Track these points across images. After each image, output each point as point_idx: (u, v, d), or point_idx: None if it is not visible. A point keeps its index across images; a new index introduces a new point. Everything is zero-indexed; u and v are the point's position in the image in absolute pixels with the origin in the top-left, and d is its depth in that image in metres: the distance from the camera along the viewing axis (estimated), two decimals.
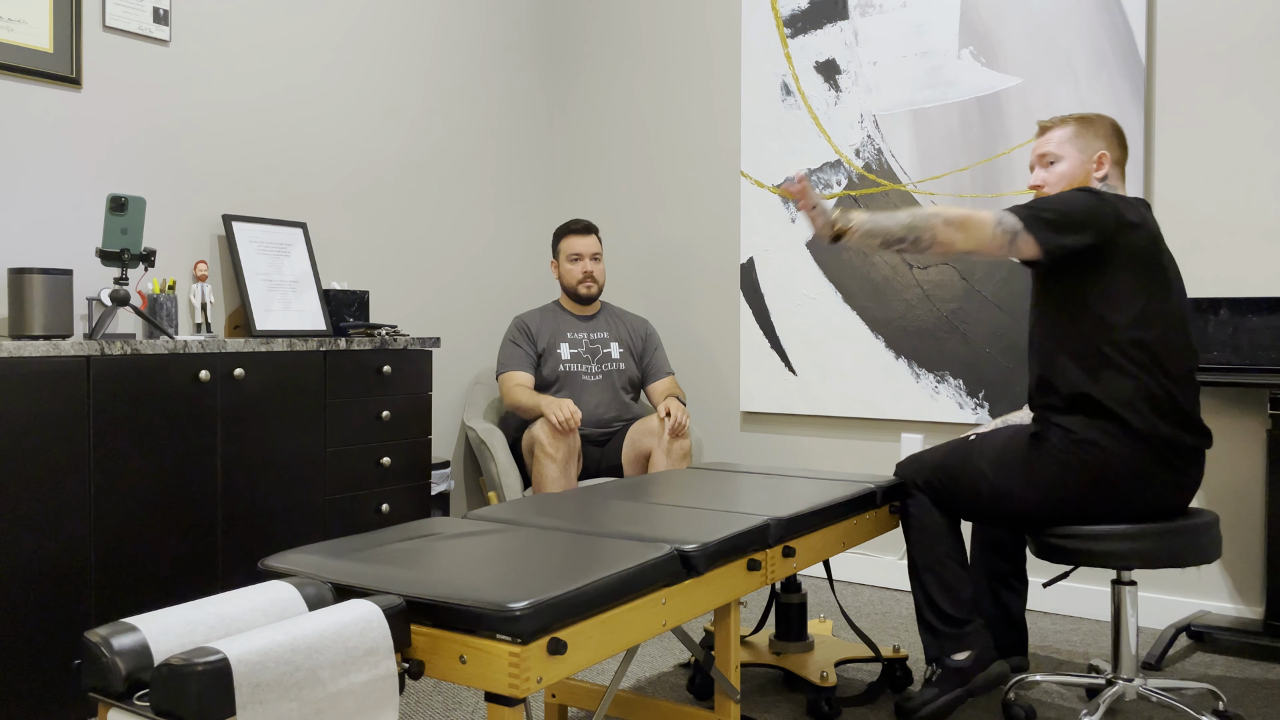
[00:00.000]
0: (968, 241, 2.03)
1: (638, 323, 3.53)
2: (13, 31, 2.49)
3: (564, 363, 3.35)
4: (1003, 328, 3.17)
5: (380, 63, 3.46)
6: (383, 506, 2.84)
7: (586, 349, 3.39)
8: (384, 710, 1.31)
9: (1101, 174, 2.21)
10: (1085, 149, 2.21)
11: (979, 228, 2.03)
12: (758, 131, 3.68)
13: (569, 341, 3.38)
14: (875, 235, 2.06)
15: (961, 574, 2.21)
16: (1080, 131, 2.22)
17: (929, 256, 2.01)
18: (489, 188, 3.92)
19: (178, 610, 1.29)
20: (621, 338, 3.46)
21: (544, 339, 3.38)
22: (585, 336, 3.41)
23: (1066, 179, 2.22)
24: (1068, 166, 2.22)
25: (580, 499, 2.15)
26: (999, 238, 2.03)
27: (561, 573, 1.48)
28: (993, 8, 3.18)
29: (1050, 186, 2.23)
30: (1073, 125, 2.23)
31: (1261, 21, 2.78)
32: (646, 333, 3.53)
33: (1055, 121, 2.27)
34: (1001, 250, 2.05)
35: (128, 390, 2.23)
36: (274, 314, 2.89)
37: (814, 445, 3.59)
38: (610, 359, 3.41)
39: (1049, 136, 2.25)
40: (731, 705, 1.89)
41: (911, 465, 2.31)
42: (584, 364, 3.37)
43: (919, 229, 2.03)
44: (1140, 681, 2.11)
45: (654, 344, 3.53)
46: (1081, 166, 2.21)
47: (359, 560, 1.58)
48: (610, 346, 3.43)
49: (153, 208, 2.80)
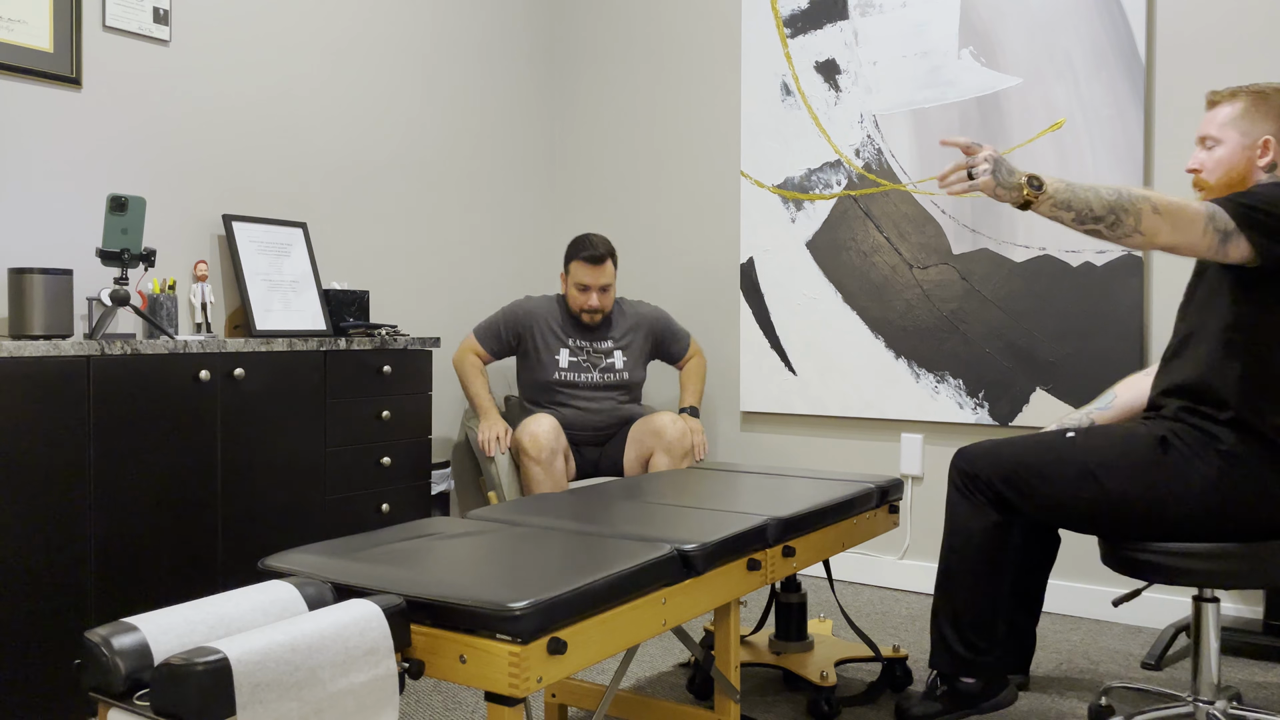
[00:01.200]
0: (1173, 236, 1.75)
1: (646, 321, 3.34)
2: (13, 31, 2.49)
3: (561, 370, 3.23)
4: (1003, 328, 3.17)
5: (380, 63, 3.46)
6: (383, 506, 2.84)
7: (588, 358, 3.26)
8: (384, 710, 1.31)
9: (1267, 161, 1.92)
10: (1249, 132, 1.92)
11: (1190, 223, 1.75)
12: (758, 131, 3.68)
13: (570, 349, 3.25)
14: (1070, 208, 1.77)
15: (998, 597, 2.03)
16: (1249, 110, 1.92)
17: (1124, 244, 1.79)
18: (489, 187, 3.92)
19: (178, 610, 1.29)
20: (627, 344, 3.30)
21: (536, 339, 3.24)
22: (588, 345, 3.26)
23: (1224, 166, 1.94)
24: (1226, 152, 1.94)
25: (580, 499, 2.15)
26: (1209, 237, 1.77)
27: (561, 573, 1.48)
28: (993, 8, 3.18)
29: (1207, 173, 1.97)
30: (1243, 102, 1.94)
31: (1261, 21, 2.78)
32: (656, 328, 3.35)
33: (1224, 95, 1.97)
34: (1208, 251, 1.78)
35: (128, 390, 2.23)
36: (274, 314, 2.89)
37: (814, 445, 3.59)
38: (613, 369, 3.27)
39: (1214, 114, 1.97)
40: (731, 705, 1.89)
41: (984, 460, 2.05)
42: (583, 372, 3.25)
43: (1124, 210, 1.75)
44: (1222, 704, 1.95)
45: (666, 332, 3.35)
46: (1242, 153, 1.93)
47: (359, 560, 1.58)
48: (614, 356, 3.28)
49: (153, 208, 2.80)
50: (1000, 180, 1.77)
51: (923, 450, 3.35)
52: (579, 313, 3.22)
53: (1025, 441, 2.04)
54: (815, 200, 3.55)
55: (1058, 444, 2.00)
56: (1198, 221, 1.76)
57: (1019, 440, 2.05)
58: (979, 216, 3.21)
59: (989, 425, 3.21)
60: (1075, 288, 3.04)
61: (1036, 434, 2.05)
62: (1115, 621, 2.99)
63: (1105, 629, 2.93)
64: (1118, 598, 2.12)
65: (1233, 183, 1.94)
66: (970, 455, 2.09)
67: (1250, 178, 1.93)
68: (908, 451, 3.37)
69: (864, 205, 3.45)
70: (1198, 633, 1.95)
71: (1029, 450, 2.02)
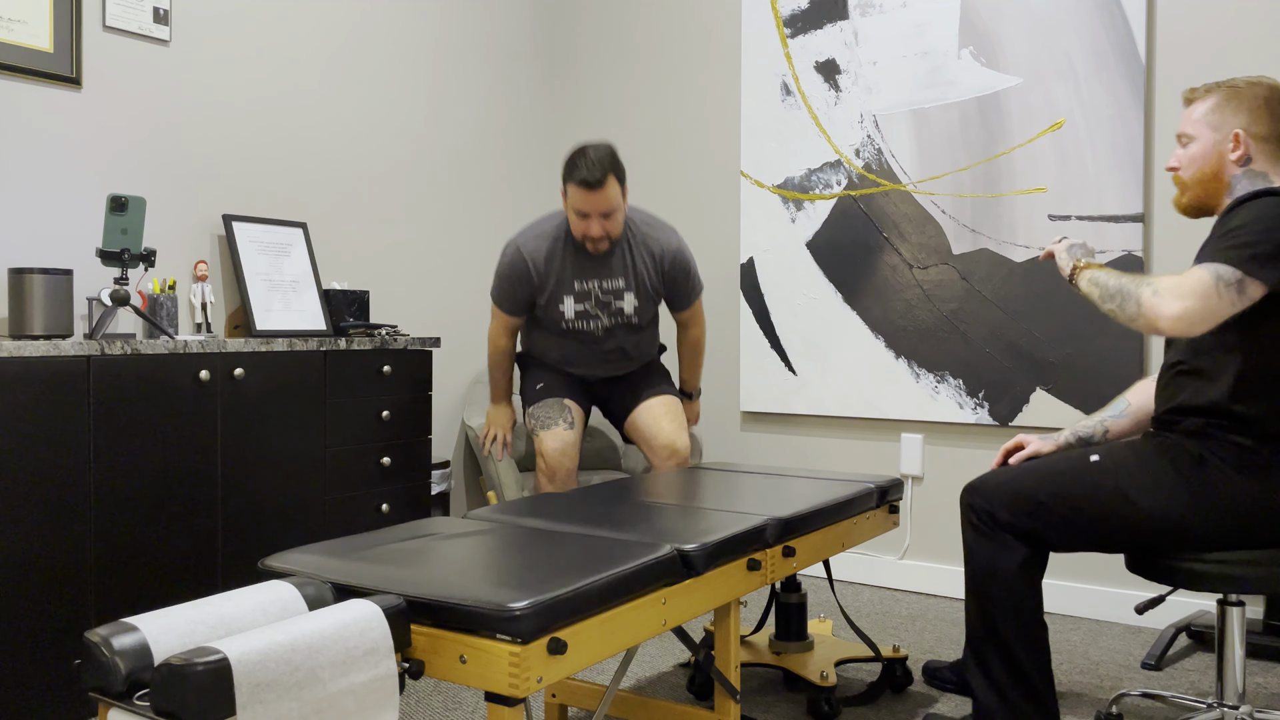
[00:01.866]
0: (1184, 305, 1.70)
1: (667, 256, 2.83)
2: (13, 31, 2.49)
3: (567, 321, 2.82)
4: (1003, 328, 3.17)
5: (381, 63, 3.46)
6: (383, 506, 2.84)
7: (596, 302, 2.82)
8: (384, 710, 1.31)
9: (1239, 155, 1.88)
10: (1221, 126, 1.89)
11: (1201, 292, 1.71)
12: (758, 131, 3.68)
13: (575, 294, 2.80)
14: (1097, 284, 1.85)
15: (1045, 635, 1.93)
16: (1220, 105, 1.89)
17: (1138, 327, 1.77)
18: (489, 187, 3.92)
19: (178, 610, 1.29)
20: (640, 282, 2.82)
21: (547, 286, 2.80)
22: (595, 286, 2.81)
23: (1198, 163, 1.92)
24: (1199, 148, 1.92)
25: (580, 499, 2.15)
26: (1227, 296, 1.71)
27: (561, 573, 1.48)
28: (993, 8, 3.18)
29: (1184, 170, 1.94)
30: (1215, 97, 1.91)
31: (1262, 21, 2.78)
32: (674, 265, 2.84)
33: (1200, 91, 1.94)
34: (1232, 308, 1.72)
35: (128, 390, 2.23)
36: (274, 314, 2.89)
37: (814, 445, 3.59)
38: (622, 314, 2.84)
39: (1190, 111, 1.94)
40: (731, 705, 1.89)
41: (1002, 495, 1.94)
42: (591, 320, 2.83)
43: (1125, 295, 1.77)
44: (1248, 709, 1.91)
45: (680, 273, 2.85)
46: (1214, 148, 1.90)
47: (359, 560, 1.58)
48: (624, 299, 2.83)
49: (153, 208, 2.80)
50: (1073, 254, 1.96)
51: (923, 450, 3.35)
52: (581, 242, 2.73)
53: (1045, 471, 1.93)
54: (815, 200, 3.55)
55: (1082, 469, 1.91)
56: (1207, 285, 1.71)
57: (1036, 470, 1.94)
58: (979, 216, 3.21)
59: (989, 425, 3.21)
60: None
61: (1052, 460, 1.95)
62: (1115, 622, 2.99)
63: (1105, 629, 2.93)
64: (1141, 604, 2.08)
65: (1206, 179, 1.92)
66: (986, 493, 1.96)
67: (1223, 173, 1.90)
68: (908, 451, 3.37)
69: (864, 205, 3.45)
70: (1222, 637, 1.91)
71: (1052, 480, 1.91)
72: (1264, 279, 1.71)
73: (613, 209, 2.66)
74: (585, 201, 2.64)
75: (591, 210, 2.64)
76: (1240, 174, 1.89)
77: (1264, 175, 1.88)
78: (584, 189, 2.62)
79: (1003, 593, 1.91)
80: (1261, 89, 1.88)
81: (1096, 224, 3.01)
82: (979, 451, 3.26)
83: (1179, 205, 1.98)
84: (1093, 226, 3.01)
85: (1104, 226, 2.99)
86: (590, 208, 2.64)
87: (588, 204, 2.64)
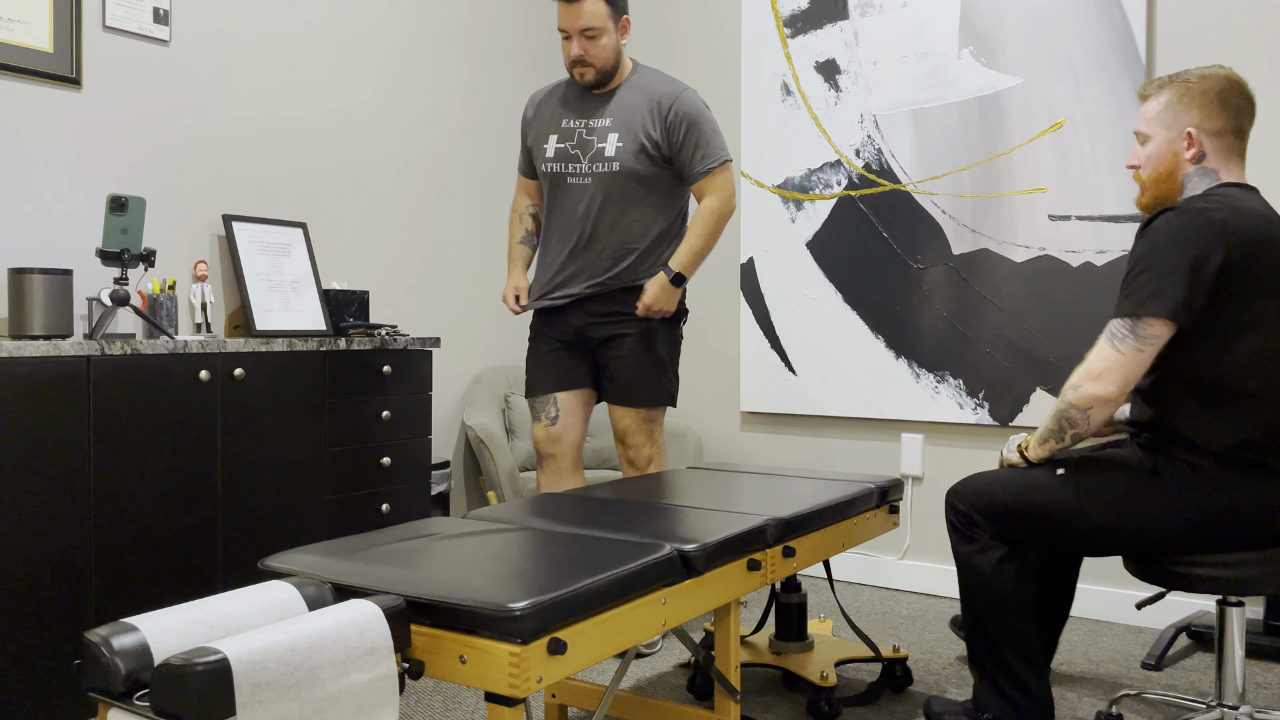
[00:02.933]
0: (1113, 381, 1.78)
1: (663, 97, 2.52)
2: (13, 31, 2.49)
3: (547, 161, 2.59)
4: (1003, 328, 3.17)
5: (381, 62, 3.46)
6: (383, 506, 2.84)
7: (578, 141, 2.55)
8: (384, 710, 1.31)
9: (1193, 153, 1.87)
10: (1173, 124, 1.88)
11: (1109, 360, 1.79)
12: (758, 131, 3.68)
13: (559, 132, 2.58)
14: (1045, 440, 1.93)
15: (1032, 627, 1.97)
16: (1172, 102, 1.88)
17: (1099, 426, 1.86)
18: (490, 187, 3.92)
19: (178, 610, 1.29)
20: (628, 125, 2.53)
21: (536, 125, 2.66)
22: (581, 125, 2.56)
23: (1153, 162, 1.91)
24: (1154, 147, 1.91)
25: (580, 499, 2.15)
26: (1126, 348, 1.78)
27: (561, 573, 1.48)
28: (993, 8, 3.18)
29: (1142, 169, 1.94)
30: (1168, 93, 1.89)
31: (1261, 21, 2.78)
32: (672, 115, 2.50)
33: (1153, 87, 1.92)
34: (1142, 353, 1.77)
35: (128, 390, 2.23)
36: (274, 314, 2.89)
37: (814, 445, 3.59)
38: (603, 155, 2.52)
39: (1145, 108, 1.92)
40: (731, 705, 1.89)
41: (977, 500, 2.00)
42: (570, 163, 2.56)
43: (1063, 417, 1.86)
44: (1248, 709, 1.92)
45: (686, 124, 2.50)
46: (1168, 147, 1.89)
47: (359, 560, 1.58)
48: (607, 139, 2.53)
49: (153, 208, 2.80)
50: (1011, 452, 2.03)
51: (923, 450, 3.35)
52: (570, 72, 2.55)
53: (1017, 480, 1.98)
54: (815, 200, 3.55)
55: (1046, 482, 1.95)
56: (1106, 352, 1.79)
57: (1011, 477, 1.99)
58: (979, 216, 3.22)
59: (989, 425, 3.21)
60: (1075, 288, 3.04)
61: (1027, 470, 1.99)
62: (1115, 622, 2.99)
63: (1105, 629, 2.93)
64: (1141, 600, 2.13)
65: (1161, 178, 1.91)
66: (964, 496, 2.03)
67: (1177, 171, 1.90)
68: (908, 451, 3.37)
69: (864, 205, 3.45)
70: (1221, 637, 1.93)
71: (1022, 490, 1.96)
72: (1154, 314, 1.75)
73: (594, 28, 2.45)
74: (564, 17, 2.47)
75: (571, 28, 2.47)
76: (1193, 171, 1.88)
77: (1214, 172, 1.87)
78: (563, 1, 2.46)
79: (984, 590, 1.98)
80: (1214, 81, 1.85)
81: (1096, 224, 3.01)
82: (979, 452, 3.26)
83: (1140, 204, 1.98)
84: (1092, 226, 3.01)
85: (1104, 226, 2.99)
86: (569, 25, 2.47)
87: (567, 20, 2.47)
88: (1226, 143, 1.86)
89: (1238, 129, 1.86)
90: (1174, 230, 1.76)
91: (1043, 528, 1.93)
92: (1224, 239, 1.73)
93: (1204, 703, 2.03)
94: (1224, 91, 1.85)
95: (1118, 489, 1.87)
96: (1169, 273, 1.74)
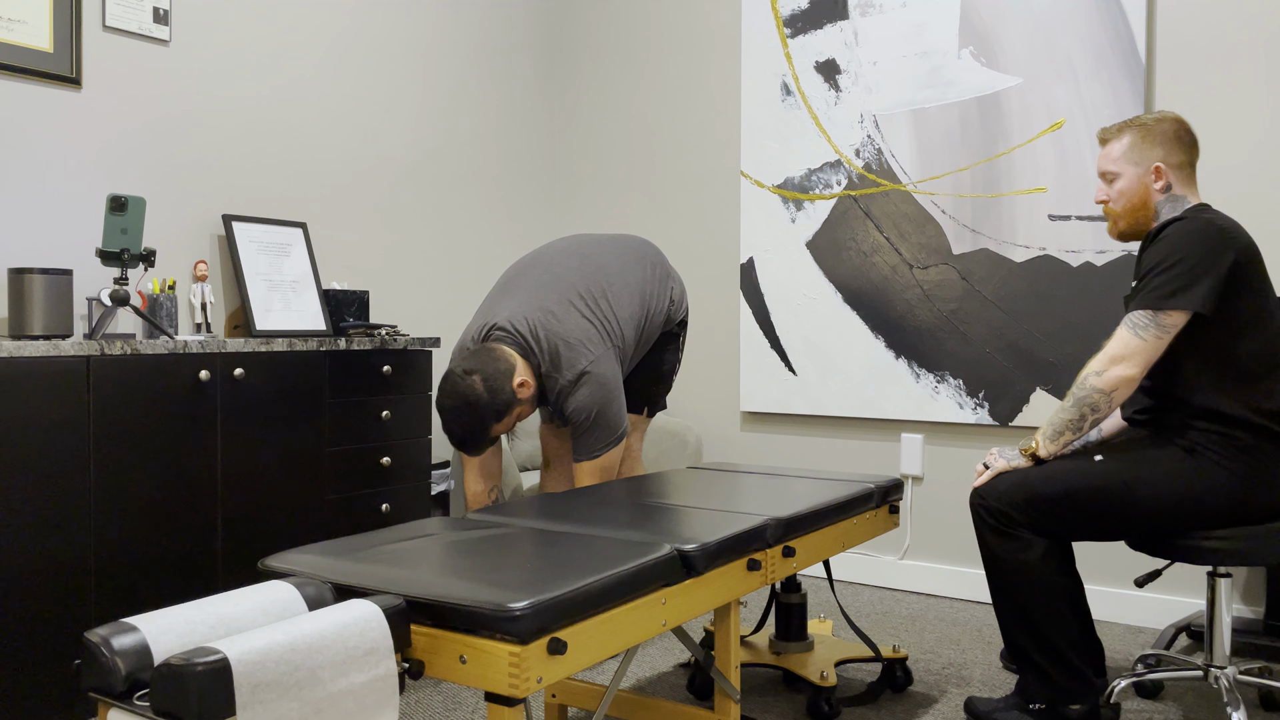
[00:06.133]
0: (1134, 364, 1.98)
1: (560, 390, 2.45)
2: (13, 31, 2.49)
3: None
4: (1003, 328, 3.17)
5: (381, 62, 3.46)
6: (383, 506, 2.84)
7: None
8: (384, 710, 1.31)
9: (1162, 185, 2.12)
10: (1141, 161, 2.13)
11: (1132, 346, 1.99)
12: (758, 131, 3.68)
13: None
14: (1060, 433, 2.07)
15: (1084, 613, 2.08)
16: (1136, 143, 2.13)
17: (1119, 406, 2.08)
18: (489, 187, 3.92)
19: (178, 610, 1.29)
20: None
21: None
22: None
23: (1126, 196, 2.15)
24: (1125, 184, 2.15)
25: (580, 499, 2.15)
26: (1147, 336, 1.98)
27: (561, 573, 1.48)
28: (993, 8, 3.18)
29: (1114, 203, 2.16)
30: (1129, 135, 2.15)
31: (1261, 21, 2.78)
32: (559, 401, 2.47)
33: (1112, 132, 2.18)
34: (1162, 340, 1.98)
35: (128, 390, 2.23)
36: (274, 314, 2.89)
37: (814, 445, 3.59)
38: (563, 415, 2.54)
39: (1108, 150, 2.17)
40: (731, 705, 1.89)
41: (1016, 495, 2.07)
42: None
43: (1085, 402, 2.01)
44: (1232, 670, 2.11)
45: (569, 413, 2.47)
46: (1139, 181, 2.13)
47: (359, 560, 1.58)
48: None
49: (153, 208, 2.80)
50: (1009, 459, 2.13)
51: (923, 450, 3.35)
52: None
53: (1052, 472, 2.06)
54: (815, 200, 3.55)
55: (1086, 469, 2.06)
56: (1128, 338, 2.00)
57: (1043, 472, 2.07)
58: (979, 216, 3.21)
59: (989, 425, 3.21)
60: (1075, 288, 3.04)
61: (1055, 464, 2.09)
62: (1115, 622, 2.99)
63: (1105, 629, 2.93)
64: (1140, 577, 2.23)
65: (1135, 208, 2.15)
66: (997, 494, 2.09)
67: (1150, 200, 2.14)
68: (908, 451, 3.37)
69: (864, 205, 3.45)
70: (1212, 605, 2.12)
71: (1061, 480, 2.05)
72: (1176, 307, 1.97)
73: (502, 433, 2.44)
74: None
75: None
76: (1164, 199, 2.14)
77: (1182, 198, 2.13)
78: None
79: (1032, 586, 2.05)
80: (1168, 124, 2.13)
81: (1096, 224, 3.01)
82: (979, 452, 3.26)
83: (1113, 233, 2.21)
84: (1092, 227, 3.01)
85: (1104, 227, 2.99)
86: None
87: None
88: (1186, 174, 2.13)
89: (1191, 162, 2.14)
90: (1188, 234, 1.99)
91: (1088, 513, 2.04)
92: (1232, 241, 1.99)
93: (1196, 664, 2.17)
94: (1179, 132, 2.12)
95: (1160, 468, 2.01)
96: (1190, 269, 1.97)
